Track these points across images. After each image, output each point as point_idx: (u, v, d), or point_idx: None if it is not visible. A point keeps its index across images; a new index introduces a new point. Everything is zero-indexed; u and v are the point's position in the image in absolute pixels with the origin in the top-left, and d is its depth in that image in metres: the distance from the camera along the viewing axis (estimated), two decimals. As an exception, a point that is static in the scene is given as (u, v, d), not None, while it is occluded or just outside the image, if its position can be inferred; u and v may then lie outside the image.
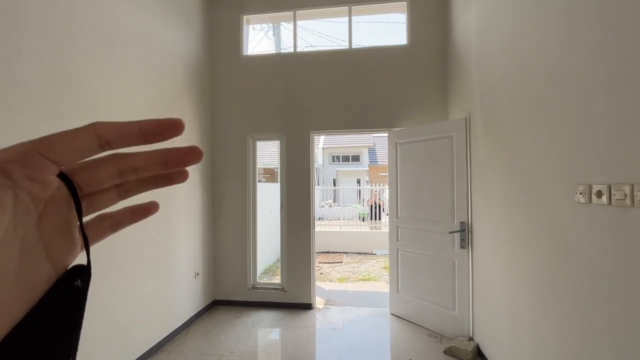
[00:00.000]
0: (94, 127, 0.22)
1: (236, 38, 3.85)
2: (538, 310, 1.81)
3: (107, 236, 0.27)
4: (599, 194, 1.32)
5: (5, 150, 0.20)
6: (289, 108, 3.76)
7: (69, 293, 0.22)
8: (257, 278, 3.95)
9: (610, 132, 1.27)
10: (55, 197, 0.22)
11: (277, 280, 4.97)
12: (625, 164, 1.20)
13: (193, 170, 3.43)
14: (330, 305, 3.87)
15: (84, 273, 0.23)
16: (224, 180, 3.84)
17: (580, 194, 1.42)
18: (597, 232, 1.35)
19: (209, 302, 3.73)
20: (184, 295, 3.21)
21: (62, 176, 0.22)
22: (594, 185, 1.36)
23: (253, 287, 3.83)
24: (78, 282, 0.23)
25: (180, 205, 3.18)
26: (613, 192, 1.24)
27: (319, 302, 3.91)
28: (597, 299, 1.36)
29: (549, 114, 1.68)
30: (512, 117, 2.07)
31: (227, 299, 3.82)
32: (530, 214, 1.87)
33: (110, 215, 0.28)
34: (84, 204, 0.23)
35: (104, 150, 0.22)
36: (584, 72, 1.41)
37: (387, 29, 4.03)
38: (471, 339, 2.82)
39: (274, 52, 4.48)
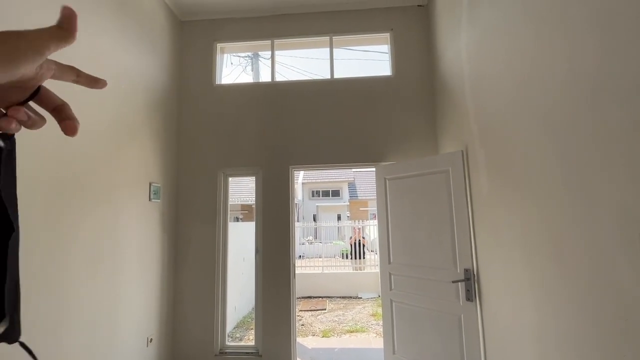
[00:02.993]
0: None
1: (208, 66, 3.54)
2: (589, 395, 1.38)
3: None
4: (684, 249, 0.97)
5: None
6: (267, 141, 3.39)
7: None
8: (227, 339, 3.30)
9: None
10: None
11: (251, 338, 4.29)
12: None
13: (151, 211, 2.91)
14: (314, 370, 3.26)
15: (9, 138, 0.33)
16: (190, 223, 3.31)
17: (649, 246, 1.08)
18: (685, 301, 0.98)
19: (165, 374, 3.03)
20: (130, 371, 2.54)
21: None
22: (670, 236, 1.02)
23: (221, 352, 3.17)
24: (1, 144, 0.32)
25: (132, 254, 2.61)
26: None
27: (300, 366, 3.29)
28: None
29: (579, 142, 1.38)
30: (525, 148, 1.78)
31: (188, 368, 3.13)
32: (562, 267, 1.51)
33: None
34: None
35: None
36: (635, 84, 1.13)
37: (371, 57, 3.87)
38: (487, 415, 2.32)
39: (250, 81, 4.19)
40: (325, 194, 20.84)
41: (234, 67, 5.65)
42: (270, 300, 3.18)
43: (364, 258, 8.16)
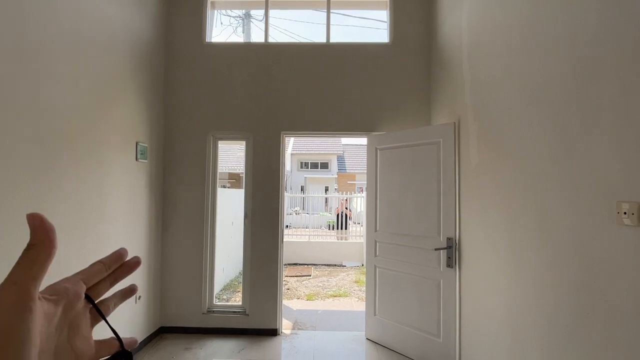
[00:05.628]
0: (101, 263, 0.35)
1: (198, 21, 3.35)
2: (552, 348, 1.51)
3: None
4: (657, 216, 1.03)
5: (67, 279, 0.32)
6: (258, 105, 3.31)
7: None
8: (214, 299, 3.40)
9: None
10: (79, 312, 0.31)
11: (237, 300, 4.42)
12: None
13: (138, 171, 2.85)
14: (298, 329, 3.41)
15: (126, 356, 0.34)
16: (178, 185, 3.28)
17: (625, 213, 1.14)
18: (651, 264, 1.06)
19: (153, 330, 3.11)
20: (120, 325, 2.59)
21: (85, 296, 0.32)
22: (646, 204, 1.07)
23: (209, 311, 3.27)
24: None
25: (118, 215, 2.59)
26: (683, 214, 0.96)
27: (285, 325, 3.44)
28: (649, 348, 1.07)
29: (573, 114, 1.40)
30: (518, 120, 1.81)
31: (176, 325, 3.23)
32: (543, 235, 1.59)
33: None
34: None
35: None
36: (629, 58, 1.14)
37: (369, 24, 3.74)
38: (458, 369, 2.51)
39: (242, 41, 4.01)
40: (314, 165, 20.83)
41: (224, 28, 5.35)
42: (258, 262, 3.25)
43: (346, 229, 8.35)
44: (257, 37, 4.84)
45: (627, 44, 1.15)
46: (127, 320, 2.69)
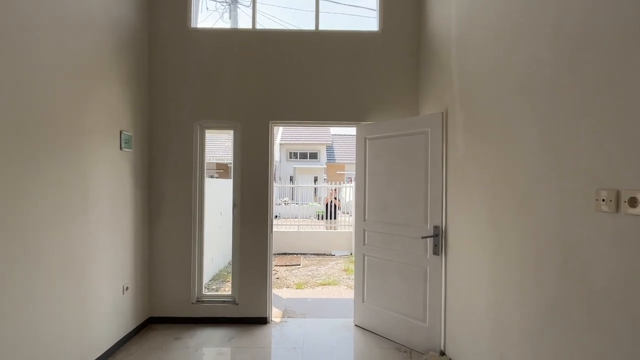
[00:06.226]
0: None
1: (183, 6, 3.24)
2: (532, 331, 1.58)
3: None
4: (633, 202, 1.08)
5: None
6: (246, 94, 3.25)
7: None
8: (203, 289, 3.39)
9: (652, 126, 1.03)
10: None
11: (227, 290, 4.43)
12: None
13: (123, 161, 2.78)
14: (288, 317, 3.45)
15: None
16: (164, 174, 3.22)
17: (603, 200, 1.18)
18: (627, 247, 1.11)
19: (142, 321, 3.10)
20: (106, 317, 2.58)
21: None
22: (623, 191, 1.12)
23: (198, 301, 3.27)
24: None
25: (103, 205, 2.53)
26: (657, 200, 1.00)
27: (275, 314, 3.48)
28: (620, 329, 1.12)
29: (557, 103, 1.43)
30: (504, 109, 1.83)
31: (166, 315, 3.22)
32: (526, 222, 1.64)
33: None
34: None
35: None
36: (613, 49, 1.16)
37: (359, 12, 3.69)
38: (442, 353, 2.60)
39: (228, 27, 3.91)
40: (303, 155, 20.77)
41: (210, 13, 5.20)
42: (247, 252, 3.25)
43: (335, 219, 8.41)
44: (244, 23, 4.72)
45: (610, 35, 1.18)
46: (113, 311, 2.67)
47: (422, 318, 2.74)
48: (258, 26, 3.34)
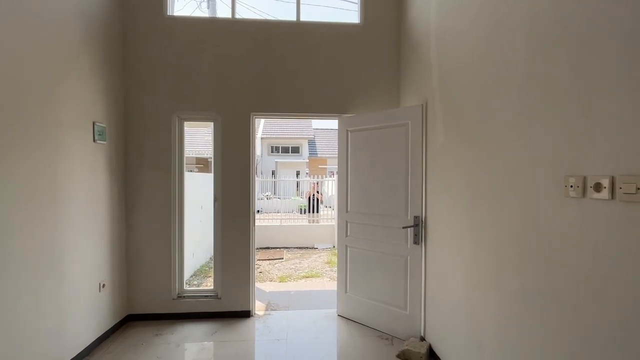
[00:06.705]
0: None
1: (158, -8, 3.11)
2: (506, 316, 1.66)
3: None
4: (598, 187, 1.14)
5: None
6: (226, 85, 3.19)
7: None
8: (185, 284, 3.33)
9: (617, 115, 1.09)
10: None
11: (209, 284, 4.38)
12: (638, 152, 1.02)
13: (96, 153, 2.67)
14: (271, 310, 3.46)
15: None
16: (141, 168, 3.11)
17: (572, 186, 1.25)
18: (591, 230, 1.18)
19: (120, 318, 3.01)
20: (82, 315, 2.49)
21: None
22: (589, 177, 1.18)
23: (179, 296, 3.21)
24: None
25: (75, 200, 2.42)
26: (619, 184, 1.07)
27: (258, 307, 3.47)
28: (585, 305, 1.20)
29: (532, 94, 1.49)
30: (482, 101, 1.89)
31: (145, 312, 3.15)
32: (501, 209, 1.71)
33: None
34: None
35: None
36: (583, 42, 1.22)
37: (340, 5, 3.69)
38: (422, 338, 2.69)
39: (207, 16, 3.80)
40: (285, 150, 20.64)
41: (187, 2, 5.04)
42: (229, 246, 3.22)
43: (318, 212, 8.45)
44: (223, 13, 4.61)
45: (580, 30, 1.23)
46: (89, 310, 2.58)
47: (403, 306, 2.82)
48: (238, 16, 3.26)
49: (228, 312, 3.21)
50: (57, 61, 2.24)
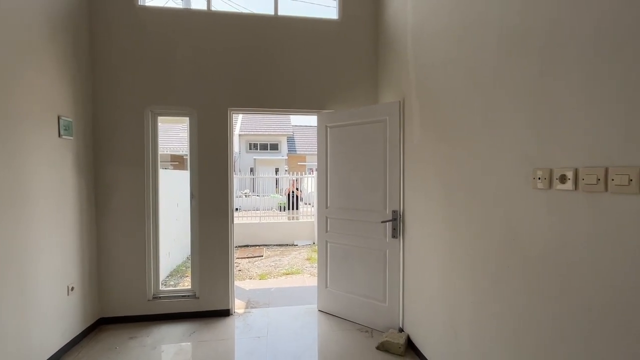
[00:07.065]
0: None
1: (128, -19, 2.97)
2: (480, 306, 1.73)
3: None
4: (563, 179, 1.21)
5: None
6: (202, 79, 3.10)
7: None
8: (160, 285, 3.23)
9: (579, 112, 1.16)
10: None
11: (186, 284, 4.27)
12: (598, 146, 1.09)
13: (62, 149, 2.53)
14: (252, 307, 3.43)
15: None
16: (112, 165, 2.98)
17: (539, 178, 1.32)
18: (557, 219, 1.25)
19: (92, 322, 2.88)
20: (49, 320, 2.36)
21: None
22: (555, 170, 1.25)
23: (155, 297, 3.12)
24: None
25: (39, 198, 2.28)
26: (582, 176, 1.14)
27: (238, 305, 3.43)
28: (552, 291, 1.27)
29: (502, 92, 1.55)
30: (455, 99, 1.95)
31: (119, 315, 3.03)
32: (474, 203, 1.78)
33: None
34: None
35: None
36: (547, 44, 1.28)
37: (318, 1, 3.67)
38: (401, 330, 2.76)
39: (181, 6, 3.68)
40: (264, 147, 20.41)
41: (160, -8, 4.83)
42: (207, 244, 3.15)
43: (297, 209, 8.44)
44: (198, 5, 4.47)
45: (544, 29, 1.30)
46: (57, 314, 2.45)
47: (382, 299, 2.87)
48: (213, 9, 3.18)
49: (207, 312, 3.15)
50: (16, 51, 2.09)
